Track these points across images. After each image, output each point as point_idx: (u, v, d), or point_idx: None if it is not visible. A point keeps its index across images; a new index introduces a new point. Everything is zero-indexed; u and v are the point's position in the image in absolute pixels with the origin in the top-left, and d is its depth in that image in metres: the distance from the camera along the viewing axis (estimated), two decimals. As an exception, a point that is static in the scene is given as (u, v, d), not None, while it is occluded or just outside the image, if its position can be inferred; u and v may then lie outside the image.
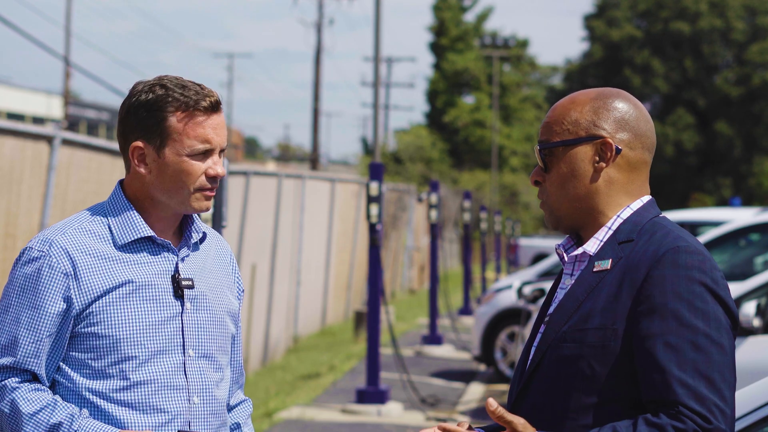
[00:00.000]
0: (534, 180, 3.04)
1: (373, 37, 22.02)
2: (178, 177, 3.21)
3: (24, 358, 3.15)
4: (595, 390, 2.83)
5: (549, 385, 2.89)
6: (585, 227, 3.00)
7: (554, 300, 3.03)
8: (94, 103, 59.42)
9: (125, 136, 3.25)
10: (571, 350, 2.86)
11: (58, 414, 3.13)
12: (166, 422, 3.19)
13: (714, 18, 72.17)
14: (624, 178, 2.97)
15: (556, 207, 3.01)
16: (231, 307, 3.37)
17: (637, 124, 2.98)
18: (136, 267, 3.21)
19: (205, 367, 3.26)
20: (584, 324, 2.87)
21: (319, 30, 43.26)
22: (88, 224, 3.24)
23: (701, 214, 14.25)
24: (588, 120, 2.98)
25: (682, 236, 2.89)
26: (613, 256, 2.91)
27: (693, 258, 2.83)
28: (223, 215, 7.52)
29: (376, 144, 22.66)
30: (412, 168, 58.53)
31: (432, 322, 19.05)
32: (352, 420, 12.24)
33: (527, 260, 38.75)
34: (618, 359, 2.82)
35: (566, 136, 2.98)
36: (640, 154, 2.99)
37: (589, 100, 3.00)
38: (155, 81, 3.24)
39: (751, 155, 71.24)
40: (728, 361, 2.79)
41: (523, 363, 3.01)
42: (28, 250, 3.20)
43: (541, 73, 78.66)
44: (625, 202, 2.98)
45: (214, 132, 3.23)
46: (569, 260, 3.01)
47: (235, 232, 14.82)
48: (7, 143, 9.37)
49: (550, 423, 2.86)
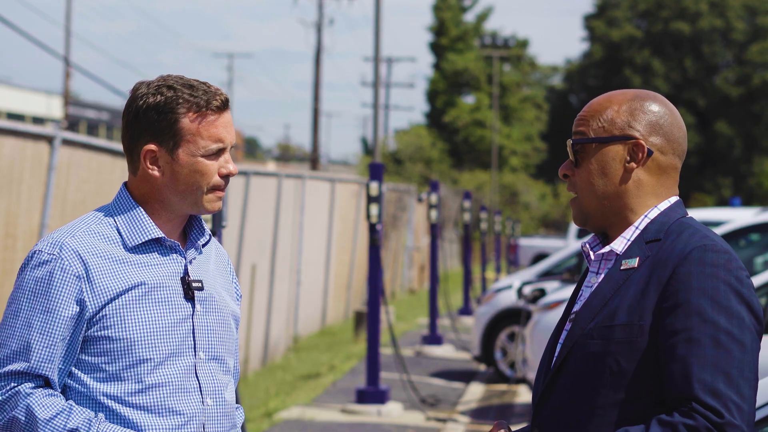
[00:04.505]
0: (563, 173, 3.07)
1: (373, 37, 22.02)
2: (193, 177, 3.20)
3: (37, 363, 3.10)
4: (622, 386, 2.86)
5: (575, 382, 2.92)
6: (612, 226, 3.03)
7: (579, 298, 3.06)
8: (94, 103, 59.40)
9: (135, 139, 3.22)
10: (598, 347, 2.89)
11: (75, 419, 3.09)
12: (182, 424, 3.17)
13: (714, 18, 72.17)
14: (653, 180, 3.00)
15: (585, 204, 3.03)
16: (234, 310, 3.37)
17: (670, 130, 3.02)
18: (147, 269, 3.19)
19: (216, 369, 3.26)
20: (611, 321, 2.90)
21: (319, 30, 43.25)
22: (96, 226, 3.21)
23: (701, 214, 14.24)
24: (623, 120, 3.01)
25: (709, 235, 2.92)
26: (640, 255, 2.94)
27: (719, 256, 2.86)
28: (223, 215, 7.53)
29: (376, 144, 22.66)
30: (412, 168, 58.51)
31: (432, 322, 19.05)
32: (352, 420, 12.24)
33: (527, 260, 38.76)
34: (644, 356, 2.85)
35: (600, 133, 3.01)
36: (671, 159, 3.02)
37: (626, 100, 3.03)
38: (160, 82, 3.22)
39: (751, 155, 71.25)
40: (749, 359, 2.81)
41: (547, 361, 3.03)
42: (37, 254, 3.15)
43: (541, 73, 78.65)
44: (653, 202, 3.01)
45: (226, 130, 3.23)
46: (596, 258, 3.04)
47: (235, 232, 14.82)
48: (7, 143, 9.37)
49: (577, 420, 2.89)
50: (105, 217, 3.24)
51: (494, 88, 66.97)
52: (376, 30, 21.97)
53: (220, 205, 3.28)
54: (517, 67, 72.51)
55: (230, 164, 3.24)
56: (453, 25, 69.32)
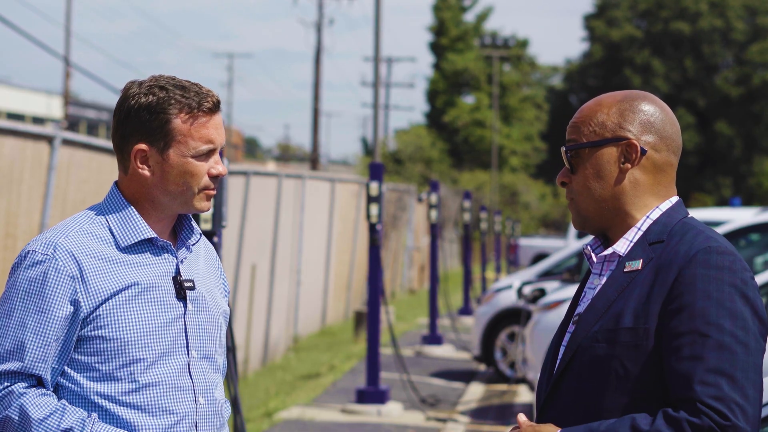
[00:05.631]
0: (561, 181, 3.07)
1: (373, 37, 22.03)
2: (183, 178, 3.22)
3: (31, 363, 3.12)
4: (627, 389, 2.86)
5: (580, 385, 2.92)
6: (612, 228, 3.02)
7: (582, 300, 3.05)
8: (94, 103, 59.40)
9: (125, 138, 3.24)
10: (603, 350, 2.89)
11: (68, 419, 3.11)
12: (175, 423, 3.19)
13: (714, 18, 72.17)
14: (650, 179, 3.00)
15: (583, 208, 3.03)
16: (224, 308, 3.39)
17: (662, 127, 3.01)
18: (139, 269, 3.21)
19: (207, 367, 3.28)
20: (616, 324, 2.89)
21: (319, 30, 43.25)
22: (89, 226, 3.23)
23: (701, 214, 14.24)
24: (614, 122, 3.01)
25: (713, 237, 2.92)
26: (644, 257, 2.94)
27: (724, 258, 2.86)
28: (223, 215, 7.52)
29: (376, 144, 22.66)
30: (411, 168, 58.50)
31: (432, 322, 19.05)
32: (352, 420, 12.24)
33: (527, 260, 38.74)
34: (650, 358, 2.85)
35: (592, 137, 3.02)
36: (666, 156, 3.01)
37: (615, 102, 3.03)
38: (152, 82, 3.24)
39: (751, 155, 71.25)
40: (753, 360, 2.81)
41: (550, 363, 3.03)
42: (31, 254, 3.17)
43: (541, 73, 78.65)
44: (653, 203, 3.01)
45: (216, 132, 3.26)
46: (598, 260, 3.04)
47: (235, 232, 14.81)
48: (7, 143, 9.37)
49: (584, 422, 2.88)
50: (97, 216, 3.25)
51: (494, 88, 66.96)
52: (376, 30, 21.98)
53: (209, 205, 3.30)
54: (517, 67, 72.50)
55: (220, 165, 3.27)
56: (453, 25, 69.29)
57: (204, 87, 3.26)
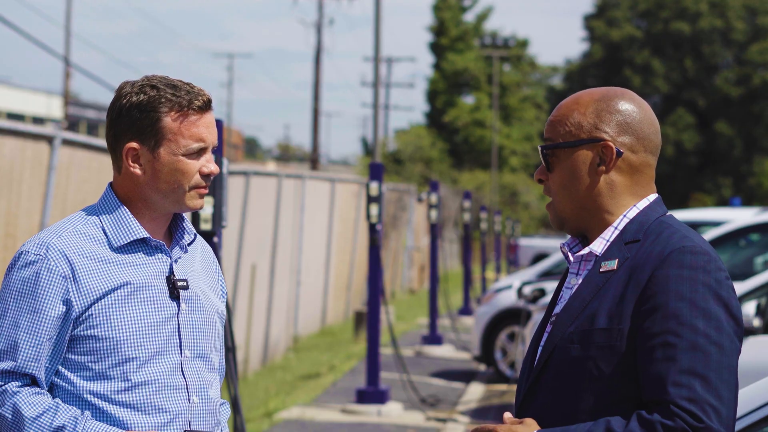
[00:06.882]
0: (538, 178, 3.04)
1: (373, 37, 22.04)
2: (174, 176, 3.24)
3: (24, 362, 3.15)
4: (603, 391, 2.83)
5: (557, 385, 2.90)
6: (590, 228, 2.99)
7: (560, 300, 3.03)
8: (94, 103, 59.43)
9: (117, 137, 3.27)
10: (578, 351, 2.86)
11: (61, 417, 3.13)
12: (168, 422, 3.21)
13: (714, 18, 72.17)
14: (626, 180, 2.96)
15: (560, 209, 3.00)
16: (220, 308, 3.41)
17: (640, 127, 2.96)
18: (132, 269, 3.23)
19: (201, 367, 3.29)
20: (591, 325, 2.86)
21: (319, 30, 43.26)
22: (82, 227, 3.25)
23: (701, 214, 14.24)
24: (590, 122, 2.96)
25: (689, 236, 2.88)
26: (619, 257, 2.90)
27: (698, 258, 2.82)
28: (223, 215, 7.52)
29: (376, 144, 22.67)
30: (411, 168, 58.52)
31: (432, 322, 19.05)
32: (352, 420, 12.24)
33: (527, 260, 38.75)
34: (624, 359, 2.82)
35: (568, 137, 2.97)
36: (643, 157, 2.97)
37: (592, 101, 2.98)
38: (144, 81, 3.26)
39: (751, 155, 71.25)
40: (727, 361, 2.77)
41: (529, 362, 3.01)
42: (24, 254, 3.20)
43: (541, 73, 78.64)
44: (631, 201, 2.96)
45: (207, 131, 3.27)
46: (575, 260, 3.01)
47: (235, 232, 14.81)
48: (7, 143, 9.38)
49: (561, 423, 2.86)
50: (91, 216, 3.28)
51: (494, 88, 66.96)
52: (376, 30, 21.98)
53: (202, 203, 3.31)
54: (517, 67, 72.51)
55: (211, 164, 3.28)
56: (453, 25, 69.30)
57: (196, 86, 3.28)
